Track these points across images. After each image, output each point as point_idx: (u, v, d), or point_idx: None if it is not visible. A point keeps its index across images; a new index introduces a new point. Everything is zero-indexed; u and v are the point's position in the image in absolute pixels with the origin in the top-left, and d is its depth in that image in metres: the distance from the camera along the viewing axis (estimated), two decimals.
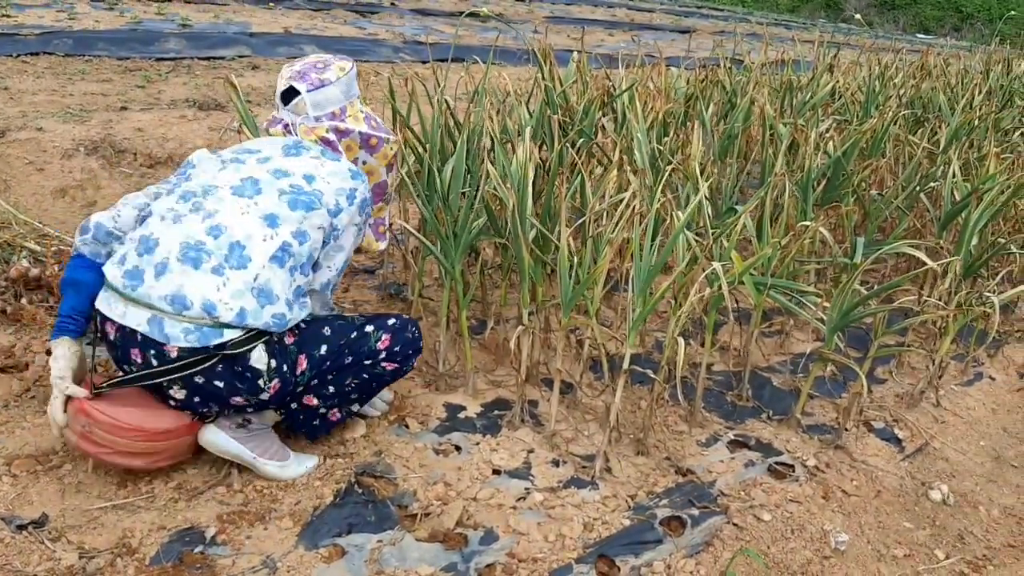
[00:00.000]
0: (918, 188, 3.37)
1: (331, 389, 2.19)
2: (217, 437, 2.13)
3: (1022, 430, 3.03)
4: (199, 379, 1.96)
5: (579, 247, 2.61)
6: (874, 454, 2.66)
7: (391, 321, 2.24)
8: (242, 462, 2.17)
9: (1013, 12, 14.52)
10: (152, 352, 1.94)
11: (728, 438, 2.62)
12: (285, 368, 2.03)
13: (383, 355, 2.21)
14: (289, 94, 2.24)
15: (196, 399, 2.01)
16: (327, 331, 2.14)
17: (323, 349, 2.11)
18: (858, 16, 8.36)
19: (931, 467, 2.70)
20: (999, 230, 3.33)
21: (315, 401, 2.19)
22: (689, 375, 2.85)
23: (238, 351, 1.94)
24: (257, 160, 2.12)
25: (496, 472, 2.31)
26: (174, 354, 1.92)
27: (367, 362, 2.19)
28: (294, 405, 2.18)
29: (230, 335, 1.93)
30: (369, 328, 2.20)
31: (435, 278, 3.31)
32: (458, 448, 2.39)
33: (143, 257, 1.96)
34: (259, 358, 1.98)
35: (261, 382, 2.00)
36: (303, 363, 2.07)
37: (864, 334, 3.26)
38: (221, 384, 1.98)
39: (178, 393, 2.00)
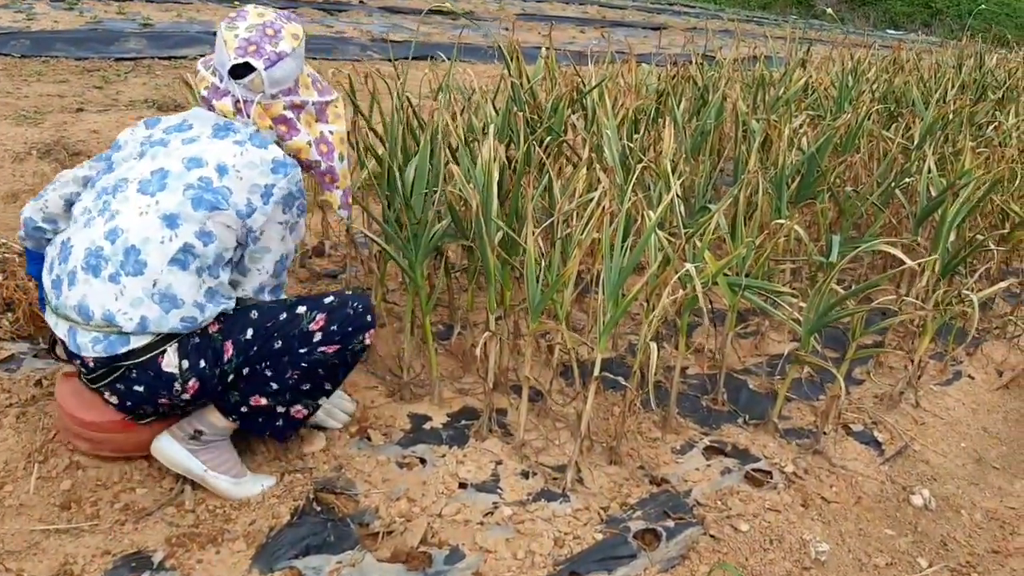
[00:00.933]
0: (893, 184, 3.31)
1: (275, 385, 2.02)
2: (169, 447, 2.04)
3: (1003, 430, 2.97)
4: (120, 385, 1.93)
5: (548, 249, 2.52)
6: (853, 458, 2.58)
7: (328, 299, 2.05)
8: (193, 476, 2.06)
9: (983, 6, 14.61)
10: (77, 362, 1.94)
11: (704, 444, 2.53)
12: (203, 364, 1.93)
13: (318, 337, 2.00)
14: (241, 68, 1.99)
15: (128, 403, 1.97)
16: (254, 314, 2.00)
17: (249, 333, 1.97)
18: (830, 11, 8.34)
19: (912, 470, 2.63)
20: (976, 226, 3.28)
21: (264, 400, 2.03)
22: (663, 379, 2.76)
23: (146, 357, 1.89)
24: (182, 141, 1.97)
25: (463, 486, 2.20)
26: (91, 364, 1.90)
27: (301, 349, 1.99)
28: (244, 409, 2.04)
29: (137, 342, 1.87)
30: (301, 309, 2.02)
31: (400, 282, 3.20)
32: (423, 461, 2.29)
33: (62, 266, 1.92)
34: (169, 362, 1.90)
35: (177, 385, 1.92)
36: (229, 350, 1.96)
37: (841, 333, 3.19)
38: (141, 388, 1.93)
39: (111, 398, 1.98)
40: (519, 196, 2.44)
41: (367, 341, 2.10)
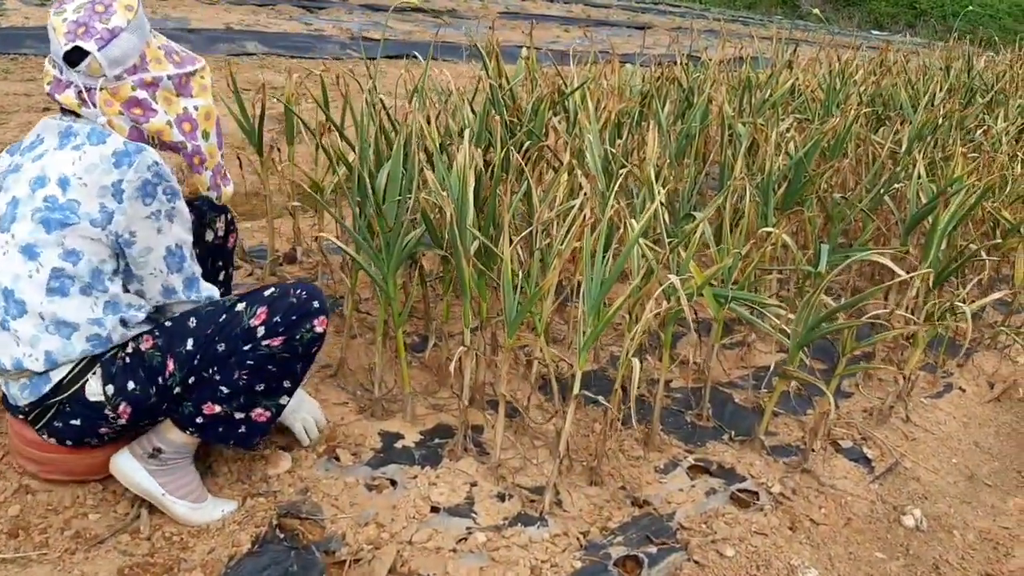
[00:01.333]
0: (882, 190, 3.22)
1: (225, 389, 1.88)
2: (127, 465, 1.93)
3: (994, 445, 2.89)
4: (57, 423, 1.85)
5: (527, 259, 2.41)
6: (843, 476, 2.49)
7: (268, 292, 1.90)
8: (150, 499, 1.94)
9: (970, 8, 14.61)
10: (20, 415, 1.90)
11: (688, 463, 2.43)
12: (132, 385, 1.83)
13: (261, 331, 1.85)
14: (74, 54, 1.75)
15: (72, 438, 1.90)
16: (192, 322, 1.87)
17: (189, 343, 1.85)
18: (816, 11, 8.25)
19: (902, 489, 2.54)
20: (967, 234, 3.19)
21: (217, 408, 1.89)
22: (646, 393, 2.66)
23: (73, 389, 1.81)
24: (32, 160, 1.81)
25: (435, 510, 2.09)
26: (27, 409, 1.85)
27: (245, 347, 1.85)
28: (200, 420, 1.90)
29: (58, 375, 1.79)
30: (240, 306, 1.88)
31: (375, 291, 3.09)
32: (393, 483, 2.17)
33: None
34: (92, 390, 1.81)
35: (108, 411, 1.83)
36: (171, 364, 1.84)
37: (829, 344, 3.09)
38: (78, 421, 1.85)
39: (54, 438, 1.91)
40: (495, 204, 2.33)
41: (318, 329, 1.93)
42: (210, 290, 1.97)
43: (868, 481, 2.51)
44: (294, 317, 1.89)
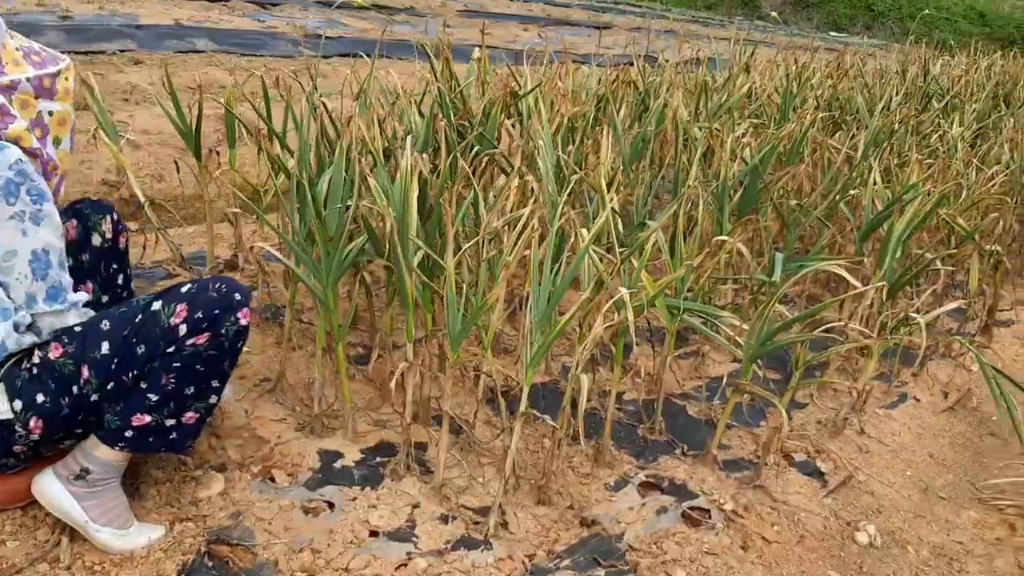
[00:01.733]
0: (838, 197, 3.18)
1: (153, 397, 1.77)
2: (50, 488, 1.82)
3: (949, 455, 2.86)
4: None
5: (476, 269, 2.33)
6: (796, 491, 2.44)
7: (186, 288, 1.79)
8: (73, 524, 1.83)
9: (925, 11, 14.76)
10: None
11: (639, 479, 2.36)
12: (43, 398, 1.72)
13: (183, 330, 1.74)
14: None
15: None
16: (105, 325, 1.76)
17: (104, 347, 1.73)
18: (774, 13, 8.26)
19: (856, 503, 2.49)
20: (923, 241, 3.17)
21: (147, 418, 1.78)
22: (599, 406, 2.59)
23: None
24: None
25: (374, 534, 2.00)
26: None
27: (169, 348, 1.74)
28: (129, 433, 1.79)
29: None
30: (157, 305, 1.76)
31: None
32: (331, 505, 2.08)
33: None
34: None
35: (19, 428, 1.72)
36: (85, 372, 1.73)
37: (785, 353, 3.04)
38: None
39: None
40: (440, 212, 2.24)
41: (243, 322, 1.82)
42: (77, 298, 1.81)
43: (821, 496, 2.46)
44: (216, 311, 1.77)
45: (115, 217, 2.22)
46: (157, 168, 3.91)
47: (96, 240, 2.16)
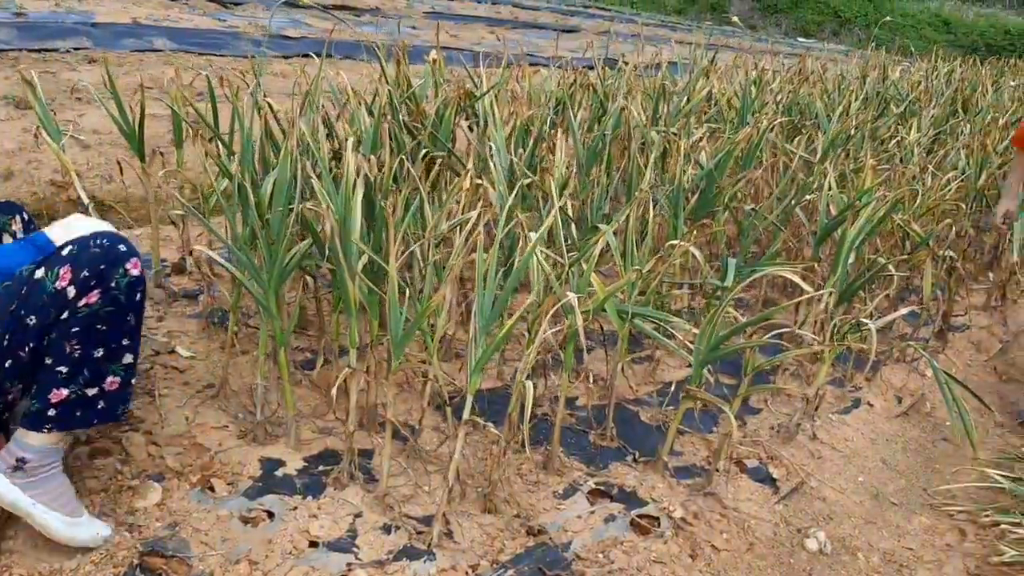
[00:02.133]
0: (793, 202, 3.17)
1: (63, 368, 1.71)
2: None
3: (901, 461, 2.86)
4: None
5: (424, 272, 2.28)
6: (747, 498, 2.42)
7: (67, 250, 1.70)
8: (19, 513, 1.75)
9: (888, 18, 14.91)
10: None
11: (589, 487, 2.33)
12: None
13: (72, 292, 1.66)
14: None
15: None
16: None
17: None
18: (735, 18, 8.29)
19: (807, 509, 2.48)
20: (877, 247, 3.17)
21: (65, 391, 1.72)
22: (550, 412, 2.56)
23: None
24: None
25: (313, 544, 1.95)
26: None
27: (62, 314, 1.67)
28: (52, 412, 1.73)
29: None
30: (40, 273, 1.68)
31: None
32: (271, 515, 2.02)
33: None
34: None
35: None
36: None
37: (740, 359, 3.03)
38: None
39: None
40: (382, 217, 2.19)
41: (133, 272, 1.73)
42: None
43: (773, 503, 2.44)
44: (103, 266, 1.69)
45: (25, 217, 2.15)
46: (107, 169, 3.83)
47: (7, 240, 2.10)
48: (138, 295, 1.77)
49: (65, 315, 1.68)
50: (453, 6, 10.60)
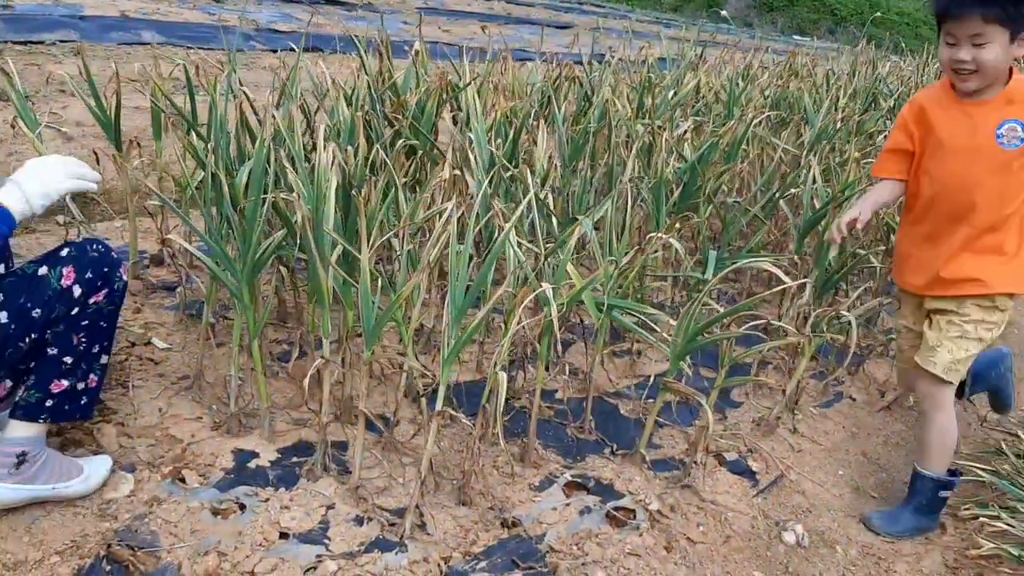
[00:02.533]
0: (777, 195, 3.16)
1: (68, 359, 1.84)
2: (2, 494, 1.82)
3: (883, 455, 2.85)
4: None
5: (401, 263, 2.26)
6: (725, 491, 2.41)
7: (64, 252, 1.83)
8: (43, 499, 1.87)
9: (879, 13, 14.89)
10: None
11: (565, 479, 2.32)
12: None
13: (78, 291, 1.80)
14: None
15: None
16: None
17: (3, 316, 1.74)
18: (724, 13, 8.28)
19: (786, 503, 2.47)
20: (857, 241, 3.16)
21: (65, 383, 1.85)
22: (528, 404, 2.54)
23: None
24: None
25: (284, 536, 1.94)
26: None
27: (73, 309, 1.80)
28: (49, 403, 1.84)
29: None
30: (43, 270, 1.79)
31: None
32: (242, 506, 2.01)
33: None
34: None
35: None
36: None
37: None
38: None
39: None
40: (353, 208, 2.17)
41: (125, 277, 1.92)
42: None
43: (751, 496, 2.43)
44: (106, 269, 1.85)
45: None
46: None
47: None
48: (123, 299, 1.96)
49: (76, 310, 1.81)
50: (447, 1, 10.58)
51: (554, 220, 2.71)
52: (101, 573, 1.78)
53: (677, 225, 2.88)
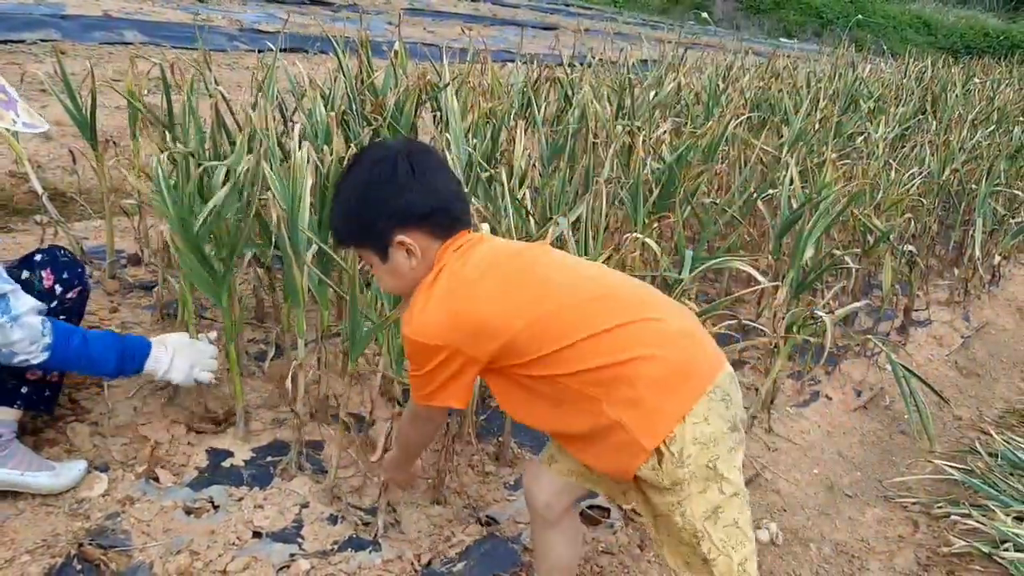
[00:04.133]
0: (755, 196, 3.18)
1: None
2: None
3: (858, 454, 2.87)
4: None
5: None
6: None
7: (38, 258, 1.99)
8: (9, 486, 1.88)
9: (859, 16, 14.97)
10: None
11: None
12: None
13: (59, 289, 1.97)
14: None
15: None
16: None
17: None
18: (704, 15, 8.31)
19: (761, 501, 2.48)
20: (836, 241, 3.18)
21: (39, 373, 1.93)
22: None
23: None
24: None
25: (257, 535, 1.94)
26: None
27: (52, 304, 1.93)
28: (24, 389, 1.93)
29: None
30: (26, 275, 1.94)
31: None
32: (216, 506, 2.01)
33: None
34: None
35: None
36: None
37: None
38: None
39: None
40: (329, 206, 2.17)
41: (88, 280, 2.11)
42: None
43: None
44: (79, 270, 2.04)
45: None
46: (69, 160, 3.78)
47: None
48: (88, 296, 2.11)
49: (54, 304, 1.94)
50: (432, 2, 10.58)
51: (532, 220, 2.71)
52: (72, 572, 1.77)
53: (655, 225, 2.89)
